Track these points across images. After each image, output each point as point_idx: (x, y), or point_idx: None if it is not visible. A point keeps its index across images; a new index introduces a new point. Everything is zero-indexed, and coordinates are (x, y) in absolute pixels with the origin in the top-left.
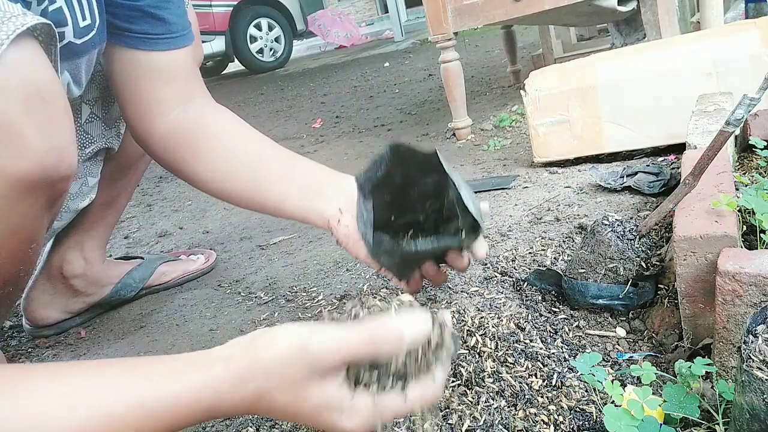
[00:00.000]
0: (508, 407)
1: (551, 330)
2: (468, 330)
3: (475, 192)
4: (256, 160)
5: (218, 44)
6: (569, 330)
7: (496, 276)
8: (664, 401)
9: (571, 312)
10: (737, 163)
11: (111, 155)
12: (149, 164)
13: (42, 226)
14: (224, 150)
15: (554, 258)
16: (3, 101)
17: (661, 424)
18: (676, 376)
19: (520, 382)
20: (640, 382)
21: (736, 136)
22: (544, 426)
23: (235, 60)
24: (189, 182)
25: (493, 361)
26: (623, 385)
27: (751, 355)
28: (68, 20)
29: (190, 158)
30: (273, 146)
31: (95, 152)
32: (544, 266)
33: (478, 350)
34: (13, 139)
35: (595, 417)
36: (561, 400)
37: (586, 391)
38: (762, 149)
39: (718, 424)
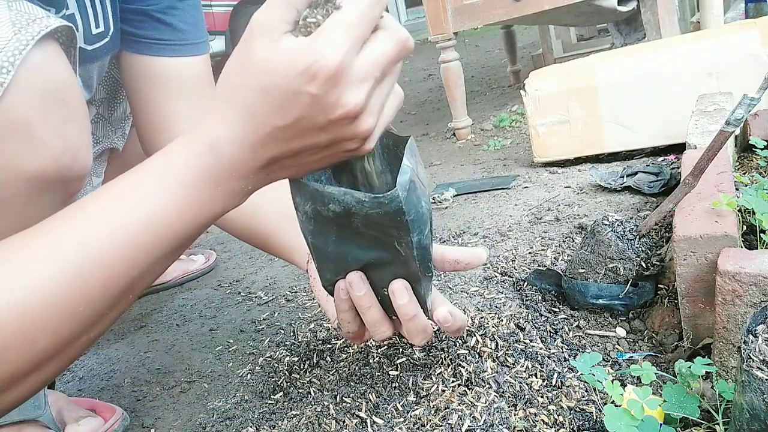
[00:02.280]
0: (508, 407)
1: (551, 330)
2: (468, 330)
3: (476, 192)
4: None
5: (218, 44)
6: (569, 330)
7: (496, 276)
8: (664, 401)
9: (571, 312)
10: (737, 163)
11: (115, 155)
12: None
13: None
14: None
15: (554, 258)
16: (24, 100)
17: (661, 424)
18: (676, 376)
19: (520, 382)
20: (640, 382)
21: (736, 136)
22: (544, 426)
23: None
24: None
25: (493, 361)
26: (623, 385)
27: (751, 355)
28: (80, 26)
29: None
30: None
31: (100, 152)
32: (544, 266)
33: (478, 350)
34: (32, 137)
35: (595, 417)
36: (561, 400)
37: (586, 391)
38: (762, 149)
39: (718, 424)
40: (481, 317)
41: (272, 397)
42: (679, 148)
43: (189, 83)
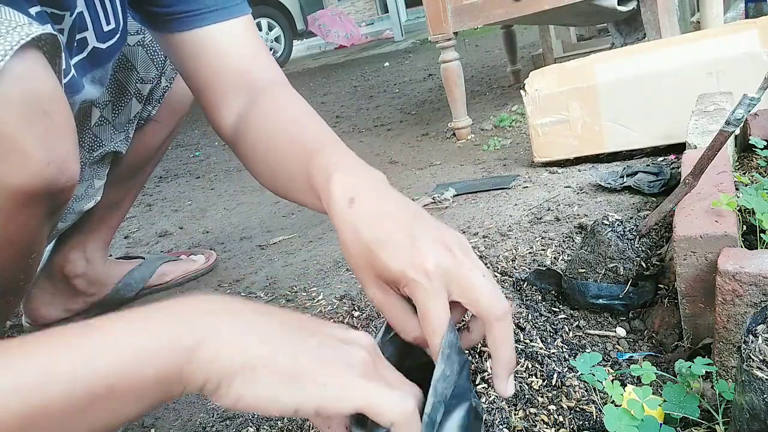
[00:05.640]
0: (508, 407)
1: (551, 330)
2: None
3: (476, 192)
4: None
5: None
6: (569, 330)
7: (496, 276)
8: (664, 401)
9: (571, 312)
10: (737, 163)
11: (118, 158)
12: (155, 167)
13: (42, 236)
14: (273, 159)
15: (554, 258)
16: (3, 113)
17: (661, 424)
18: (676, 376)
19: (520, 382)
20: (640, 382)
21: (736, 136)
22: (544, 426)
23: None
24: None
25: None
26: (623, 385)
27: (751, 354)
28: (89, 24)
29: (250, 160)
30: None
31: (103, 156)
32: (544, 266)
33: (478, 350)
34: (13, 151)
35: (595, 417)
36: (561, 400)
37: (586, 391)
38: (762, 149)
39: (718, 424)
40: None
41: None
42: (679, 148)
43: (231, 49)
